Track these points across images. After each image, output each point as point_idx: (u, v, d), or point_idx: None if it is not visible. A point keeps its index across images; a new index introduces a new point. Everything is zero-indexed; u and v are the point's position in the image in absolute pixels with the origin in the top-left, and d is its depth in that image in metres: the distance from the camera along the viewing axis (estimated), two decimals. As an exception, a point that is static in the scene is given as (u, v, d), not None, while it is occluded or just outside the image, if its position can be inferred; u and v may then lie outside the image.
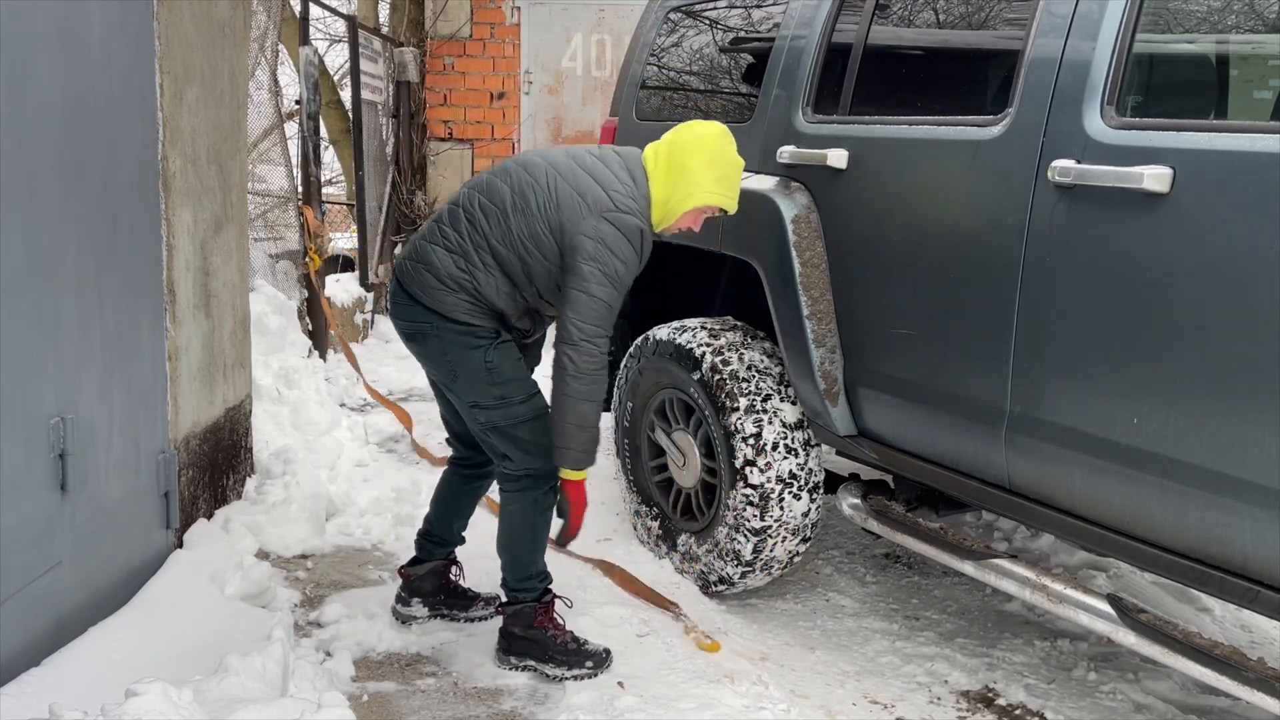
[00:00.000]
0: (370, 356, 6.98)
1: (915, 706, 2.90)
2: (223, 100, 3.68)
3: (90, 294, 2.76)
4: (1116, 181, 2.34)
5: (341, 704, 2.46)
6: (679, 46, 4.09)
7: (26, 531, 2.49)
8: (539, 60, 8.58)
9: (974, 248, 2.72)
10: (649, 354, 3.66)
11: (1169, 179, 2.25)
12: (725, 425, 3.29)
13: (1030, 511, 2.67)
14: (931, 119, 2.95)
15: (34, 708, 2.26)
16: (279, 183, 6.14)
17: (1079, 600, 2.64)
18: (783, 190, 3.27)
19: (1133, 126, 2.38)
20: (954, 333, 2.78)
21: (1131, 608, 2.53)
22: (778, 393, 3.32)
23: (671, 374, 3.55)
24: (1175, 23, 2.61)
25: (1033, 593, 2.74)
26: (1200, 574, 2.30)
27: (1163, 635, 2.43)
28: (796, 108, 3.36)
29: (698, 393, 3.41)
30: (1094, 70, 2.45)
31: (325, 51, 14.58)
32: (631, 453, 3.83)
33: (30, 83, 2.46)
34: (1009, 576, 2.81)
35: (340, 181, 15.02)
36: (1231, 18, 2.57)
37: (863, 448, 3.18)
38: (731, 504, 3.29)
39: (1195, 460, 2.25)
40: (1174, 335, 2.28)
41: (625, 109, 4.20)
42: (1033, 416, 2.58)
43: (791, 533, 3.30)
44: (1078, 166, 2.42)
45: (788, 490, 3.25)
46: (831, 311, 3.17)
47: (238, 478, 3.90)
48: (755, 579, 3.40)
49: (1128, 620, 2.50)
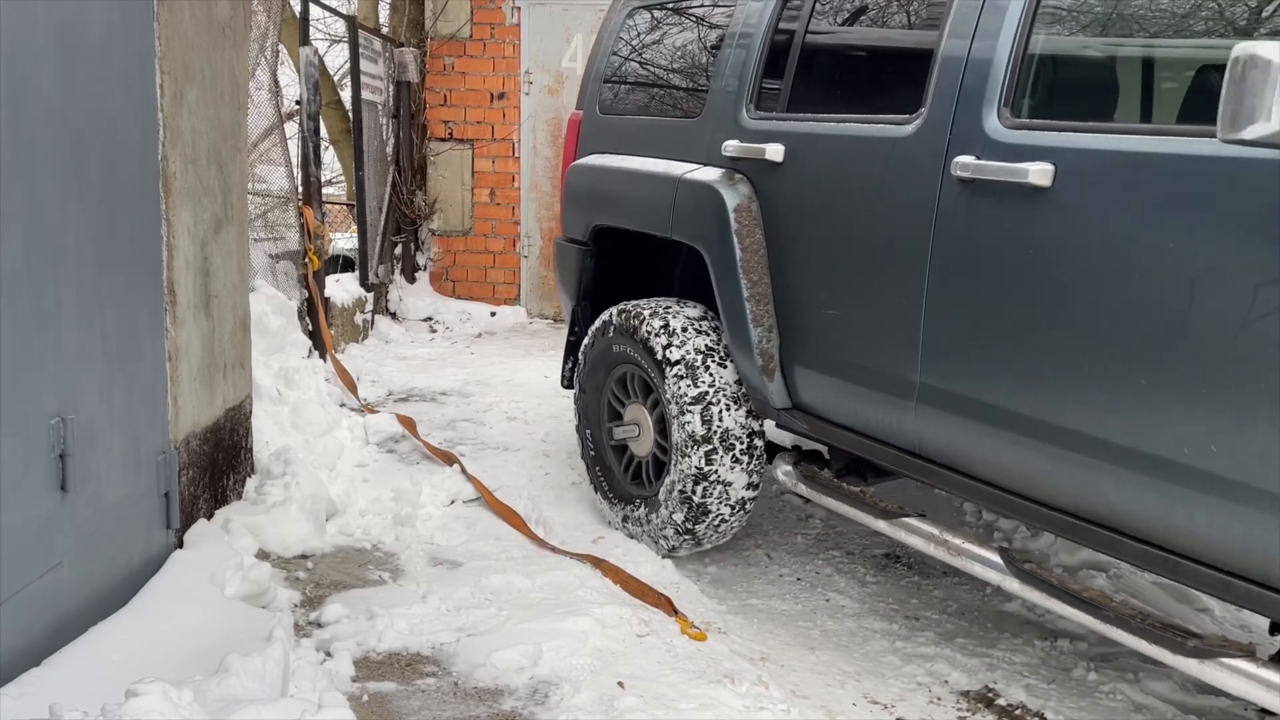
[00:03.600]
0: (370, 357, 6.99)
1: (915, 707, 2.90)
2: (223, 100, 3.68)
3: (90, 294, 2.76)
4: (1007, 176, 2.61)
5: (341, 704, 2.46)
6: (640, 44, 4.34)
7: (27, 532, 2.49)
8: (539, 60, 8.58)
9: (890, 236, 2.99)
10: (606, 332, 3.96)
11: (1051, 174, 2.53)
12: (667, 392, 3.60)
13: (937, 475, 2.94)
14: (857, 117, 3.20)
15: (34, 708, 2.26)
16: (279, 183, 6.14)
17: (974, 553, 2.91)
18: (727, 181, 3.53)
19: (1024, 126, 2.65)
20: (873, 313, 3.07)
21: (1017, 558, 2.80)
22: (716, 363, 3.60)
23: (624, 350, 3.86)
24: (1068, 28, 2.80)
25: (936, 548, 3.00)
26: (1074, 527, 2.58)
27: (1042, 581, 2.71)
28: (741, 104, 3.61)
29: (647, 364, 3.71)
30: (993, 74, 2.73)
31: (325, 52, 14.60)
32: (594, 426, 4.13)
33: (30, 83, 2.46)
34: (916, 533, 3.08)
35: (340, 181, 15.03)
36: (1121, 23, 2.75)
37: (797, 420, 3.44)
38: (678, 465, 3.56)
39: (1071, 425, 2.52)
40: (1056, 315, 2.54)
41: (590, 103, 4.48)
42: (938, 388, 2.87)
43: (731, 491, 3.58)
44: (976, 162, 2.70)
45: (729, 454, 3.54)
46: (769, 294, 3.46)
47: (238, 478, 3.90)
48: (702, 532, 3.65)
49: (1013, 569, 2.78)
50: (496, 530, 3.99)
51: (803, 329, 3.35)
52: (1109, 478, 2.46)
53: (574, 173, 4.38)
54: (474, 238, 8.87)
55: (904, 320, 2.94)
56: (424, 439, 4.99)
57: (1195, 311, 2.25)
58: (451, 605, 3.31)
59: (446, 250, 8.89)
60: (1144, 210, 2.35)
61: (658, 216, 3.79)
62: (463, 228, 8.86)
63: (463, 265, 8.90)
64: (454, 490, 4.30)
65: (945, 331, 2.83)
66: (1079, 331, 2.49)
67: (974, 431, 2.78)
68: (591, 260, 4.29)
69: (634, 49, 4.34)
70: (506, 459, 4.86)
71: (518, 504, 4.18)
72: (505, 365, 6.97)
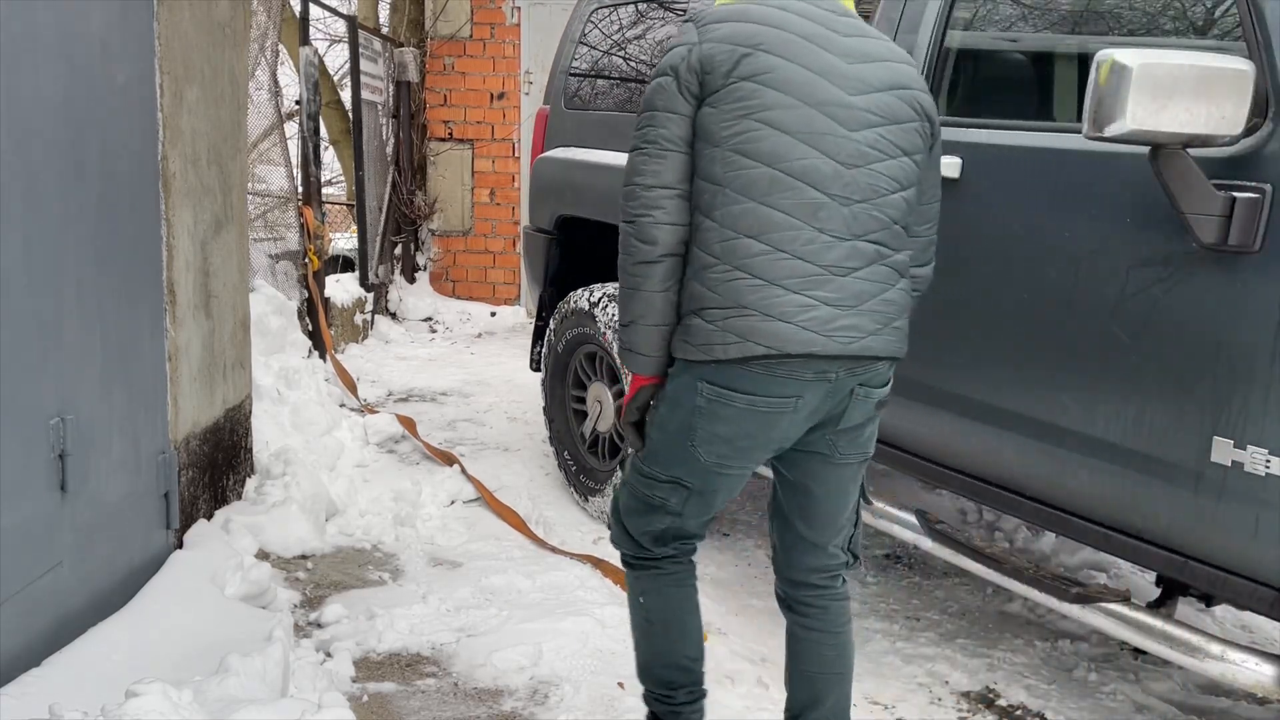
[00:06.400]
0: (370, 357, 6.99)
1: (916, 707, 2.90)
2: (223, 100, 3.68)
3: (90, 294, 2.76)
4: None
5: (341, 704, 2.46)
6: (602, 41, 4.55)
7: (26, 532, 2.49)
8: (539, 60, 8.57)
9: None
10: (568, 315, 4.20)
11: (959, 167, 2.74)
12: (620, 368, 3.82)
13: (879, 451, 3.07)
14: None
15: (34, 708, 2.26)
16: (279, 183, 6.13)
17: (894, 515, 3.10)
18: None
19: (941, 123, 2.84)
20: None
21: (932, 519, 3.01)
22: None
23: (584, 330, 4.09)
24: (981, 28, 2.99)
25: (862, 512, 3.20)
26: (978, 489, 2.82)
27: (953, 541, 2.91)
28: None
29: (607, 345, 3.93)
30: None
31: (325, 51, 14.59)
32: (557, 407, 4.39)
33: (30, 83, 2.46)
34: None
35: (340, 181, 15.03)
36: (1033, 21, 2.96)
37: None
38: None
39: (980, 398, 2.74)
40: (960, 296, 2.75)
41: (555, 98, 4.70)
42: None
43: None
44: None
45: None
46: None
47: (238, 478, 3.89)
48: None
49: (927, 529, 2.97)
50: (496, 530, 4.00)
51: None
52: (1008, 443, 2.68)
53: (540, 165, 4.65)
54: (474, 238, 8.87)
55: None
56: (424, 439, 4.99)
57: (1079, 291, 2.48)
58: (452, 605, 3.31)
59: (446, 250, 8.89)
60: (1036, 200, 2.58)
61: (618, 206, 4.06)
62: (463, 228, 8.86)
63: (463, 265, 8.90)
64: (454, 490, 4.30)
65: None
66: (981, 311, 2.71)
67: (900, 406, 2.95)
68: (557, 248, 4.53)
69: (596, 46, 4.56)
70: (506, 459, 4.86)
71: (518, 504, 4.18)
72: (505, 365, 6.96)
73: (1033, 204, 2.59)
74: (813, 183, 1.98)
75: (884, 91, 2.05)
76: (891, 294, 2.05)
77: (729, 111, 1.98)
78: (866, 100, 2.03)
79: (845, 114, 2.00)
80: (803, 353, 1.96)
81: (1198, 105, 2.06)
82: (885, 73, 2.07)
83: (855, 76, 2.03)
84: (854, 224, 2.00)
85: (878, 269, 2.03)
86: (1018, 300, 2.64)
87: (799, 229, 1.97)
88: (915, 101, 2.09)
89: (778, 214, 1.97)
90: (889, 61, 2.09)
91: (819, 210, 1.97)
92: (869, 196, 2.01)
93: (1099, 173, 2.45)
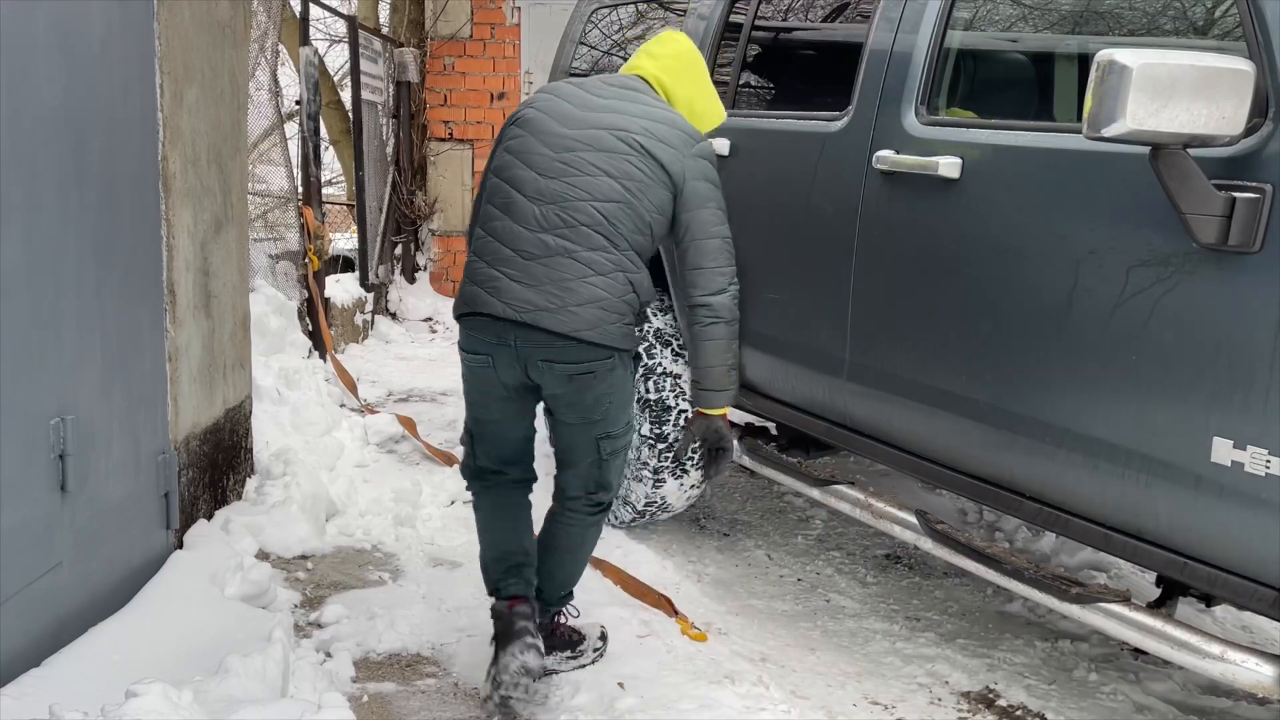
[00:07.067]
0: (370, 357, 6.99)
1: (916, 707, 2.90)
2: (223, 100, 3.68)
3: (90, 294, 2.76)
4: (921, 169, 2.83)
5: (341, 705, 2.46)
6: (602, 41, 4.61)
7: (26, 532, 2.49)
8: (539, 60, 8.57)
9: (822, 225, 3.21)
10: None
11: (959, 167, 2.74)
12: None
13: (864, 445, 3.16)
14: (795, 114, 3.43)
15: (34, 708, 2.26)
16: (279, 183, 6.13)
17: (895, 515, 3.11)
18: None
19: (937, 123, 2.88)
20: (807, 296, 3.30)
21: (932, 520, 3.00)
22: (664, 346, 3.82)
23: None
24: (981, 28, 3.01)
25: (861, 512, 3.22)
26: (979, 489, 2.81)
27: (953, 541, 2.91)
28: None
29: None
30: (910, 76, 2.95)
31: (325, 52, 14.58)
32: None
33: (30, 83, 2.46)
34: (844, 499, 3.29)
35: (340, 181, 15.03)
36: (1033, 21, 2.97)
37: (743, 397, 3.62)
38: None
39: (976, 396, 2.72)
40: (964, 297, 2.74)
41: None
42: (864, 364, 3.08)
43: (681, 461, 3.79)
44: (894, 155, 2.92)
45: (679, 420, 3.79)
46: None
47: (238, 478, 3.89)
48: (666, 492, 3.86)
49: (927, 529, 2.98)
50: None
51: (748, 312, 3.42)
52: (1010, 443, 2.67)
53: None
54: (474, 238, 8.87)
55: (835, 302, 3.15)
56: (424, 439, 4.99)
57: (1079, 292, 2.47)
58: (452, 606, 3.31)
59: (446, 250, 8.89)
60: (1036, 199, 2.58)
61: None
62: (463, 228, 8.86)
63: (463, 265, 8.90)
64: (454, 490, 4.30)
65: (870, 312, 3.04)
66: (983, 311, 2.70)
67: (895, 403, 2.99)
68: None
69: (596, 46, 4.59)
70: (507, 459, 4.85)
71: (518, 504, 4.17)
72: (505, 365, 6.95)
73: (1032, 204, 2.59)
74: (516, 186, 2.60)
75: (600, 129, 2.60)
76: (576, 284, 2.52)
77: (499, 146, 2.72)
78: (579, 133, 2.60)
79: (555, 140, 2.60)
80: (486, 312, 2.56)
81: (1198, 105, 2.05)
82: (612, 119, 2.62)
83: (579, 119, 2.63)
84: (543, 220, 2.56)
85: (562, 260, 2.53)
86: (1017, 301, 2.63)
87: (500, 219, 2.60)
88: (633, 141, 2.59)
89: (493, 209, 2.63)
90: (628, 115, 2.64)
91: (515, 206, 2.58)
92: (558, 200, 2.55)
93: (1099, 173, 2.44)
